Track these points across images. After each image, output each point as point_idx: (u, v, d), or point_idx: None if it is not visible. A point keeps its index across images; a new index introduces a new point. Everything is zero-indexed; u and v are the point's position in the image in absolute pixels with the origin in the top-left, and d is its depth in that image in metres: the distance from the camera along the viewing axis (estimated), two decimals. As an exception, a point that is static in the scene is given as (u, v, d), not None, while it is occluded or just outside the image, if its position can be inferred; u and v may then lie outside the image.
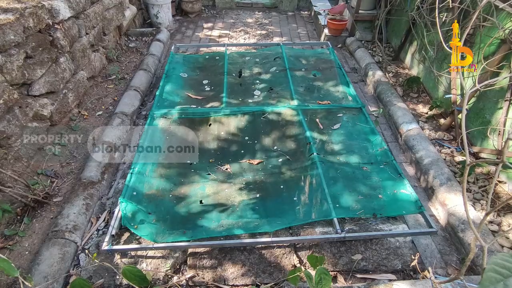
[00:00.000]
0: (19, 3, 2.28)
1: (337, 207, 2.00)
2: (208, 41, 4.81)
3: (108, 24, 3.66)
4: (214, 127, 2.78)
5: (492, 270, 0.56)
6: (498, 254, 0.63)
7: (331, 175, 2.26)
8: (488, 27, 2.45)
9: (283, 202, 2.12)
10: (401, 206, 2.04)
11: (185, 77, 3.46)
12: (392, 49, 4.24)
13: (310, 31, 5.21)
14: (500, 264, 0.57)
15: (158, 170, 2.36)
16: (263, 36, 4.99)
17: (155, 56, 3.98)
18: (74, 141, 2.68)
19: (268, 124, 2.79)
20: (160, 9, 4.84)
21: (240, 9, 6.05)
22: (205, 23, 5.44)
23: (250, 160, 2.47)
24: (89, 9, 3.18)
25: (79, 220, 2.04)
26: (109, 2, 3.65)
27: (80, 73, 3.02)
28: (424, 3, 3.11)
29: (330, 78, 3.43)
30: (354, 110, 2.95)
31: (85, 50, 3.11)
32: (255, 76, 3.52)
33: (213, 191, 2.22)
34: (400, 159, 2.72)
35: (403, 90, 3.43)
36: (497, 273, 0.55)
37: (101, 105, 3.14)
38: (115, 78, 3.55)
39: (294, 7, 6.00)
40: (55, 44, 2.59)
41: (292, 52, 3.96)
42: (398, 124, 2.88)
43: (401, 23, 3.96)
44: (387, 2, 3.81)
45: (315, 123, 2.80)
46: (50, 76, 2.50)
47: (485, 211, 2.25)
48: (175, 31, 5.12)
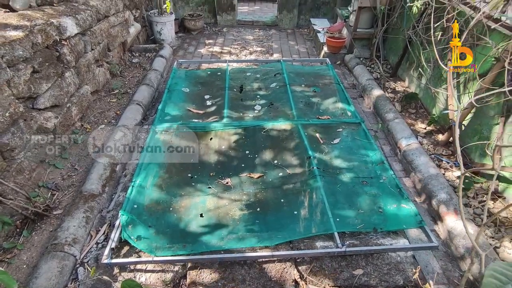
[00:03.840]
0: (29, 20, 2.36)
1: (337, 221, 2.00)
2: (210, 57, 4.92)
3: (113, 40, 3.76)
4: (215, 141, 2.81)
5: (492, 276, 0.57)
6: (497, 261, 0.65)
7: (331, 189, 2.27)
8: (482, 46, 2.53)
9: (283, 216, 2.12)
10: (402, 221, 2.04)
11: (187, 92, 3.53)
12: (390, 66, 4.34)
13: (309, 48, 5.34)
14: (499, 271, 0.59)
15: (159, 183, 2.37)
16: (263, 53, 5.11)
17: (158, 71, 4.06)
18: (76, 154, 2.70)
19: (268, 139, 2.82)
20: (163, 27, 4.98)
21: (241, 26, 6.21)
22: (207, 39, 5.58)
23: (250, 174, 2.49)
24: (95, 26, 3.28)
25: (79, 233, 2.03)
26: (114, 20, 3.77)
27: (84, 88, 3.08)
28: (420, 22, 3.21)
29: (330, 94, 3.49)
30: (353, 125, 2.99)
31: (90, 65, 3.18)
32: (256, 91, 3.59)
33: (214, 204, 2.22)
34: (400, 174, 2.74)
35: (401, 106, 3.48)
36: (496, 279, 0.57)
37: (104, 119, 3.18)
38: (118, 93, 3.61)
39: (293, 25, 6.17)
40: (62, 60, 2.66)
41: (292, 68, 4.05)
42: (397, 139, 2.92)
43: (398, 41, 4.07)
44: (384, 21, 3.93)
45: (315, 137, 2.83)
46: (55, 90, 2.56)
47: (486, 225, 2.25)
48: (177, 47, 5.25)
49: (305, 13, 6.08)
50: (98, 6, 3.36)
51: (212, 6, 5.95)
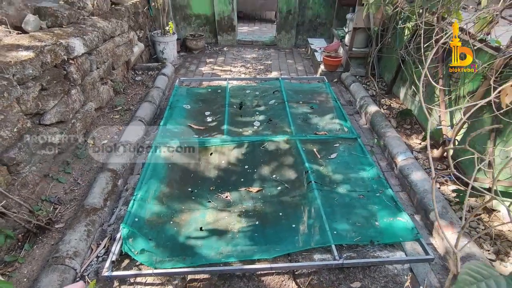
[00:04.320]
0: (39, 41, 2.49)
1: (335, 234, 2.04)
2: (211, 75, 5.07)
3: (117, 59, 3.90)
4: (215, 156, 2.87)
5: (467, 273, 0.63)
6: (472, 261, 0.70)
7: (329, 203, 2.32)
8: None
9: (281, 229, 2.15)
10: (398, 234, 2.08)
11: (188, 109, 3.63)
12: (385, 84, 4.47)
13: (307, 67, 5.51)
14: (474, 270, 0.64)
15: (160, 197, 2.41)
16: (262, 71, 5.27)
17: (160, 89, 4.18)
18: (79, 169, 2.76)
19: (267, 154, 2.89)
20: (166, 46, 5.16)
21: (241, 46, 6.42)
22: (208, 58, 5.76)
23: (249, 188, 2.54)
24: (101, 46, 3.42)
25: (80, 247, 2.06)
26: (119, 40, 3.93)
27: (88, 104, 3.18)
28: (411, 42, 3.36)
29: (327, 111, 3.59)
30: (350, 140, 3.07)
31: (95, 83, 3.30)
32: (255, 108, 3.69)
33: (213, 218, 2.26)
34: (396, 188, 2.79)
35: (396, 122, 3.58)
36: (471, 276, 0.62)
37: (107, 135, 3.26)
38: (121, 109, 3.71)
39: (291, 44, 6.38)
40: (68, 78, 2.77)
41: (290, 86, 4.18)
42: (393, 154, 2.98)
43: (392, 60, 4.22)
44: (378, 41, 4.10)
45: (313, 152, 2.90)
46: (61, 106, 2.65)
47: (481, 239, 2.28)
48: (179, 66, 5.41)
49: (302, 33, 6.30)
50: (105, 28, 3.52)
51: (213, 26, 6.18)
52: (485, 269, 0.66)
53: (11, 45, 2.35)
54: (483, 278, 0.63)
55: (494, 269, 0.67)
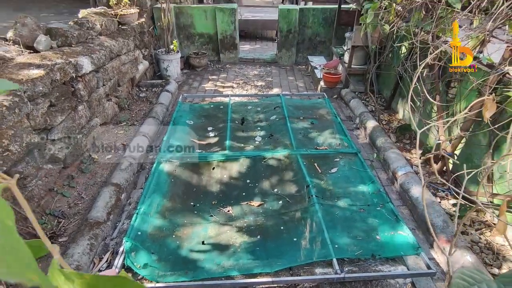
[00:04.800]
0: (50, 60, 2.60)
1: (336, 248, 2.04)
2: (213, 92, 5.19)
3: (123, 76, 4.02)
4: (217, 170, 2.92)
5: (460, 278, 0.66)
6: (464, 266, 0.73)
7: (330, 217, 2.34)
8: (466, 81, 2.73)
9: (283, 243, 2.16)
10: (399, 248, 2.09)
11: (191, 124, 3.70)
12: (384, 99, 4.56)
13: (307, 83, 5.63)
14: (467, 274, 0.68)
15: (163, 211, 2.44)
16: (263, 88, 5.39)
17: (164, 105, 4.28)
18: (83, 183, 2.80)
19: (268, 168, 2.93)
20: (170, 64, 5.32)
21: (243, 63, 6.59)
22: (210, 75, 5.90)
23: (251, 203, 2.56)
24: (108, 64, 3.55)
25: (83, 260, 2.07)
26: (125, 58, 4.06)
27: (94, 120, 3.26)
28: (408, 60, 3.47)
29: (327, 126, 3.66)
30: (350, 155, 3.11)
31: (101, 99, 3.40)
32: (257, 123, 3.76)
33: (215, 232, 2.28)
34: (397, 203, 2.80)
35: (396, 137, 3.63)
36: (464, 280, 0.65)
37: (111, 150, 3.33)
38: (126, 125, 3.80)
39: (292, 62, 6.54)
40: (76, 94, 2.87)
41: (291, 102, 4.27)
42: (393, 169, 3.02)
43: (390, 76, 4.33)
44: (376, 58, 4.22)
45: (313, 167, 2.94)
46: (68, 122, 2.73)
47: (483, 253, 2.28)
48: (182, 82, 5.55)
49: (302, 51, 6.47)
50: (112, 47, 3.66)
51: (215, 45, 6.37)
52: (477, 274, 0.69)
53: (23, 64, 2.45)
54: (475, 282, 0.66)
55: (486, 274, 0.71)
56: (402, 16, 3.43)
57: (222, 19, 5.98)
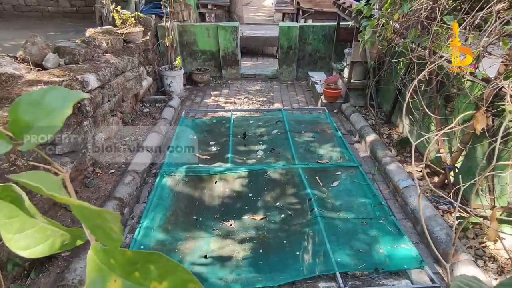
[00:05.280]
0: (57, 77, 2.68)
1: (339, 262, 2.04)
2: (215, 107, 5.27)
3: (127, 92, 4.11)
4: (219, 184, 2.94)
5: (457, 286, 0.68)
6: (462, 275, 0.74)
7: (332, 230, 2.34)
8: (463, 95, 2.78)
9: (286, 257, 2.16)
10: (403, 261, 2.08)
11: (193, 139, 3.75)
12: (384, 114, 4.61)
13: (308, 98, 5.71)
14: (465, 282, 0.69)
15: (165, 225, 2.45)
16: (265, 102, 5.47)
17: (167, 120, 4.35)
18: (86, 198, 2.82)
19: (270, 182, 2.95)
20: (173, 80, 5.43)
21: (244, 79, 6.71)
22: (212, 91, 6.01)
23: (253, 216, 2.57)
24: (113, 80, 3.64)
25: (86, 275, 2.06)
26: (130, 75, 4.17)
27: (98, 135, 3.31)
28: (406, 75, 3.54)
29: (328, 140, 3.70)
30: (351, 168, 3.13)
31: (106, 114, 3.47)
32: (258, 137, 3.81)
33: (218, 246, 2.28)
34: (399, 216, 2.80)
35: (396, 150, 3.66)
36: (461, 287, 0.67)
37: (114, 164, 3.36)
38: (129, 139, 3.85)
39: (293, 77, 6.66)
40: (82, 110, 2.94)
41: (292, 116, 4.33)
42: (394, 182, 3.03)
43: (389, 91, 4.40)
44: (375, 73, 4.30)
45: (315, 180, 2.96)
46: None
47: (488, 267, 2.26)
48: (185, 98, 5.64)
49: (303, 67, 6.60)
50: (117, 64, 3.76)
51: (218, 61, 6.52)
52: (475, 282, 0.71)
53: (32, 81, 2.53)
54: (473, 288, 0.68)
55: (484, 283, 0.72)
56: (399, 33, 3.54)
57: (224, 37, 6.14)
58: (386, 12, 3.48)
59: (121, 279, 0.32)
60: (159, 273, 0.32)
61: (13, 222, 0.37)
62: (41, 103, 0.40)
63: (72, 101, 0.40)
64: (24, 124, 0.39)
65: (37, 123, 0.39)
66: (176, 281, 0.32)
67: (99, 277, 0.33)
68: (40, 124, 0.39)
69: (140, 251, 0.33)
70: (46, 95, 0.41)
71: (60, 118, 0.39)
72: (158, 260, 0.32)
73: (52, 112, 0.40)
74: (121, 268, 0.32)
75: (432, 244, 2.20)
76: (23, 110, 0.40)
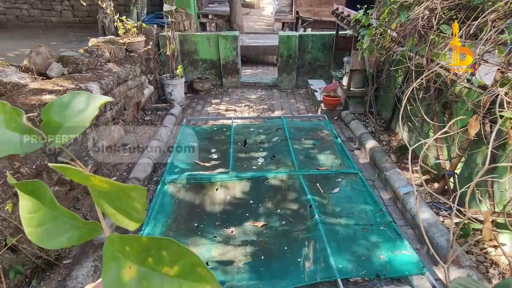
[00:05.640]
0: (61, 86, 2.73)
1: (340, 268, 2.04)
2: (216, 115, 5.31)
3: (129, 101, 4.16)
4: (220, 191, 2.95)
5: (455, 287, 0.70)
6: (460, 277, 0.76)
7: (333, 237, 2.34)
8: (461, 102, 2.82)
9: (287, 263, 2.16)
10: (404, 267, 2.08)
11: (194, 146, 3.78)
12: (383, 121, 4.65)
13: (308, 106, 5.76)
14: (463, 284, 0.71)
15: (167, 233, 2.45)
16: (265, 110, 5.52)
17: (168, 128, 4.38)
18: (88, 205, 2.83)
19: (271, 189, 2.97)
20: (174, 88, 5.49)
21: (244, 87, 6.78)
22: (213, 99, 6.06)
23: (254, 223, 2.58)
24: (116, 89, 3.69)
25: (87, 282, 2.07)
26: (132, 83, 4.22)
27: (100, 143, 3.34)
28: (404, 82, 3.59)
29: (328, 147, 3.72)
30: (351, 175, 3.15)
31: (108, 122, 3.51)
32: (259, 145, 3.84)
33: (219, 253, 2.28)
34: (400, 222, 2.80)
35: (396, 157, 3.68)
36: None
37: (116, 172, 3.39)
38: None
39: (293, 85, 6.73)
40: (84, 118, 2.97)
41: (292, 124, 4.36)
42: (395, 188, 3.04)
43: (388, 98, 4.45)
44: (374, 81, 4.36)
45: (316, 187, 2.97)
46: (76, 145, 2.81)
47: (490, 273, 2.25)
48: (186, 106, 5.69)
49: (303, 75, 6.67)
50: (119, 72, 3.82)
51: (218, 70, 6.59)
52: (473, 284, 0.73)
53: (36, 90, 2.57)
54: (470, 291, 0.70)
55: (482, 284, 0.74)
56: (397, 41, 3.60)
57: (224, 46, 6.23)
58: (384, 21, 3.54)
59: (135, 266, 0.35)
60: (171, 258, 0.35)
61: (35, 217, 0.40)
62: (70, 106, 0.44)
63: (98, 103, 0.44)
64: (55, 124, 0.43)
65: (66, 123, 0.43)
66: (186, 265, 0.34)
67: (114, 265, 0.35)
68: (69, 124, 0.43)
69: (154, 237, 0.35)
70: (74, 98, 0.45)
71: (87, 118, 0.43)
72: (170, 245, 0.35)
73: (79, 113, 0.43)
74: (136, 254, 0.35)
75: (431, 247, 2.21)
76: (54, 111, 0.43)
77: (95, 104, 0.44)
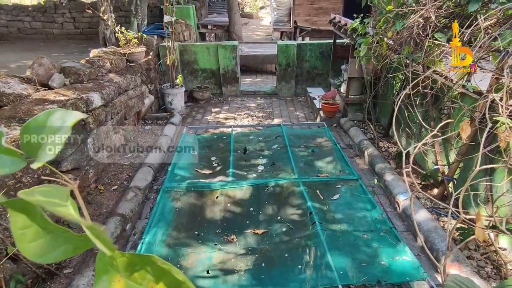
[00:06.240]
0: (63, 96, 2.77)
1: (341, 274, 2.04)
2: (216, 123, 5.35)
3: (129, 110, 4.20)
4: (220, 199, 2.96)
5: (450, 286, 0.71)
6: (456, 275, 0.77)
7: (334, 243, 2.35)
8: (458, 108, 2.86)
9: (288, 271, 2.16)
10: (405, 273, 2.08)
11: (194, 155, 3.80)
12: (382, 127, 4.69)
13: (307, 114, 5.81)
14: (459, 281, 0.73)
15: (167, 241, 2.45)
16: (265, 118, 5.56)
17: (168, 136, 4.41)
18: (89, 214, 2.83)
19: (271, 196, 2.98)
20: (174, 97, 5.54)
21: (244, 96, 6.84)
22: (213, 108, 6.11)
23: (255, 230, 2.58)
24: (116, 98, 3.73)
25: (87, 292, 2.06)
26: (132, 93, 4.27)
27: (101, 152, 3.37)
28: (402, 89, 3.63)
29: (327, 154, 3.74)
30: (351, 181, 3.16)
31: (109, 132, 3.54)
32: (259, 152, 3.86)
33: (220, 260, 2.28)
34: (400, 228, 2.80)
35: (395, 163, 3.70)
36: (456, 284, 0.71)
37: (117, 180, 3.40)
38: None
39: (292, 93, 6.79)
40: (86, 128, 3.01)
41: (292, 131, 4.40)
42: (394, 194, 3.05)
43: (387, 105, 4.49)
44: (372, 88, 4.41)
45: (316, 194, 2.98)
46: (77, 154, 2.83)
47: (491, 278, 2.25)
48: (186, 115, 5.74)
49: (301, 83, 6.75)
50: (120, 83, 3.87)
51: (218, 79, 6.67)
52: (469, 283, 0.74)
53: (38, 100, 2.61)
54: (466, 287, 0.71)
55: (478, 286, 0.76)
56: (393, 49, 3.66)
57: (224, 55, 6.31)
58: (380, 30, 3.61)
59: (124, 279, 0.36)
60: (155, 274, 0.36)
61: (27, 232, 0.39)
62: (46, 125, 0.45)
63: (71, 122, 0.45)
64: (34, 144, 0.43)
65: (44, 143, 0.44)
66: (172, 282, 0.36)
67: (105, 277, 0.36)
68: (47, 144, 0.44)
69: (137, 254, 0.37)
70: (49, 117, 0.45)
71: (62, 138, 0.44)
72: (153, 262, 0.36)
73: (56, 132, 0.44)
74: (123, 269, 0.36)
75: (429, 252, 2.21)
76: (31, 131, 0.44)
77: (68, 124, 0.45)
